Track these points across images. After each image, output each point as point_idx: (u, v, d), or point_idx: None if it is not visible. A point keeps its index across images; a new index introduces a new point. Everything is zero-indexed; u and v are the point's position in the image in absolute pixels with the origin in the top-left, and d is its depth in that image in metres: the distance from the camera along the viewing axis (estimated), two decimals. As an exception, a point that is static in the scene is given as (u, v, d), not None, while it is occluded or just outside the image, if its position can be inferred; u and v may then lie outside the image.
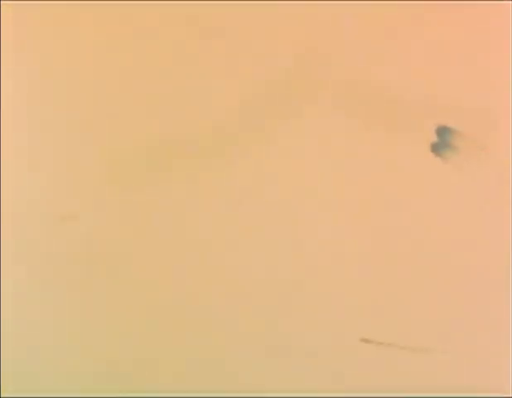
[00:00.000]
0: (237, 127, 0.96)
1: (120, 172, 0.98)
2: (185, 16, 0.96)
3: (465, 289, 0.95)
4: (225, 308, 0.98)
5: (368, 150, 0.94)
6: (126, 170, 0.98)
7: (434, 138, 0.93)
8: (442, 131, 0.93)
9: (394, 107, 0.94)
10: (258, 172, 0.96)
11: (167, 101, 0.98)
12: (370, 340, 0.96)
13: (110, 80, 0.98)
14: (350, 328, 0.96)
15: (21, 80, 0.99)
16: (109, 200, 0.98)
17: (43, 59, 0.99)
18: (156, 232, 0.98)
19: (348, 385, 0.96)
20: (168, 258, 0.98)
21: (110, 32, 0.98)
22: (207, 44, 0.96)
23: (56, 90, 0.99)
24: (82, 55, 0.98)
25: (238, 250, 0.97)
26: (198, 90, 0.97)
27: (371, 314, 0.96)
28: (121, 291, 0.99)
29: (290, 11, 0.95)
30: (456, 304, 0.95)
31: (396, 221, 0.95)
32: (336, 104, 0.94)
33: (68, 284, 0.99)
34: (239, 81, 0.96)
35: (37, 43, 0.99)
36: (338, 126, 0.94)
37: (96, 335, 0.99)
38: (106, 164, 0.98)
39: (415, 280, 0.96)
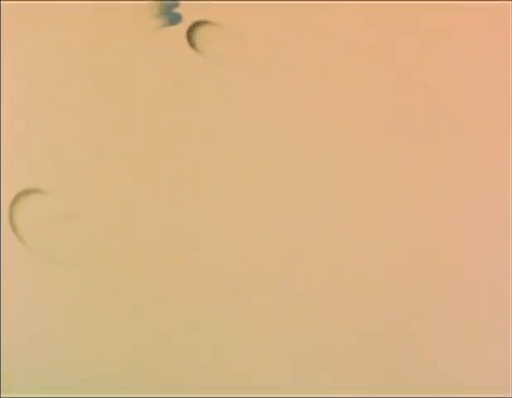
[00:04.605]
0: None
1: (120, 171, 0.99)
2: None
3: (465, 290, 0.95)
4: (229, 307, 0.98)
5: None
6: (125, 169, 0.99)
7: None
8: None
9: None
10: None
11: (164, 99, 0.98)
12: (368, 339, 0.96)
13: (109, 78, 0.98)
14: (350, 329, 0.97)
15: (21, 80, 1.00)
16: (109, 200, 0.99)
17: (43, 59, 0.99)
18: (157, 231, 0.99)
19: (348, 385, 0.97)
20: (169, 257, 0.99)
21: (109, 31, 0.98)
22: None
23: (56, 90, 0.99)
24: (82, 55, 0.98)
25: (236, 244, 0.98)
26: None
27: (369, 313, 0.96)
28: (121, 291, 0.99)
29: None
30: (456, 305, 0.95)
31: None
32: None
33: (68, 284, 0.99)
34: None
35: (37, 43, 0.99)
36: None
37: (97, 335, 0.99)
38: (106, 164, 0.99)
39: (414, 280, 0.96)
